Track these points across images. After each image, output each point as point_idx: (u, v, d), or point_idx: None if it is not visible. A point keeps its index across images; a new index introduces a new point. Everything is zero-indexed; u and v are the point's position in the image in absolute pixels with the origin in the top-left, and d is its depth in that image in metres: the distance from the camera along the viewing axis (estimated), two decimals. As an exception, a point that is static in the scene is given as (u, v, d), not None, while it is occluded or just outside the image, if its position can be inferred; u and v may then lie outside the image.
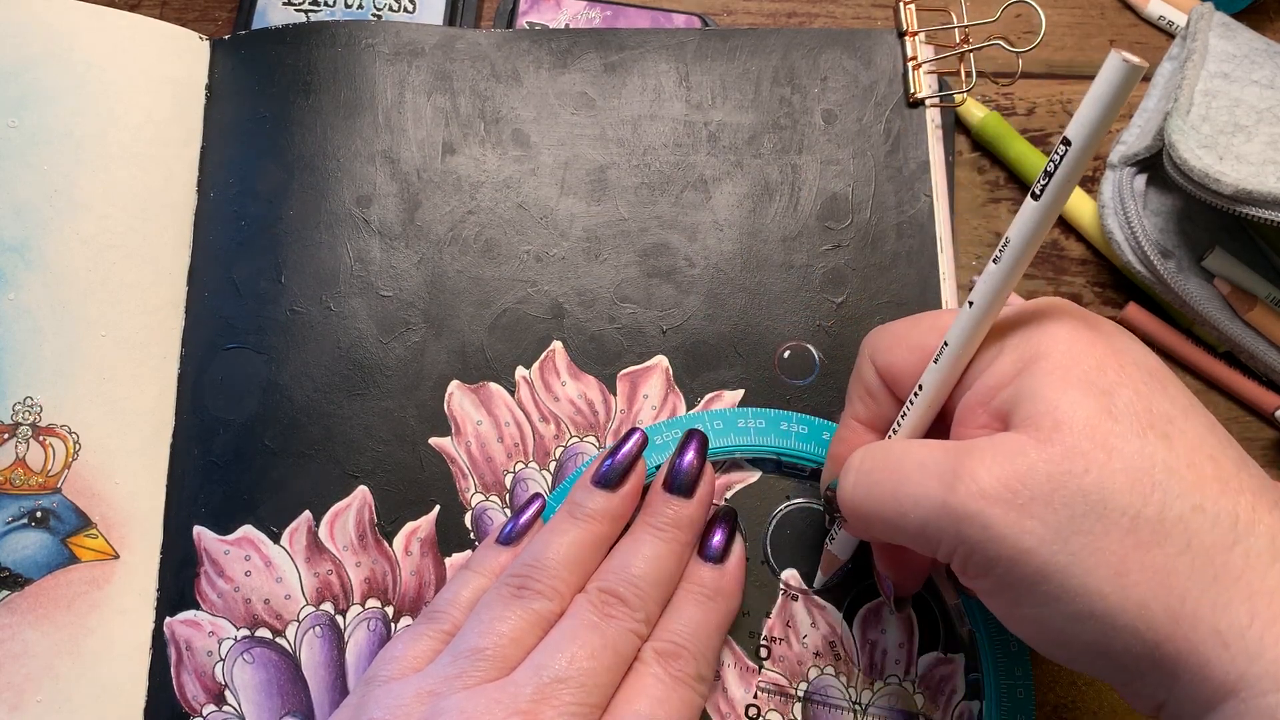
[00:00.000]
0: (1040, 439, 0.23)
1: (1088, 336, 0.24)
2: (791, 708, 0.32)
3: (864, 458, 0.27)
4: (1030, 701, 0.31)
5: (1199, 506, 0.22)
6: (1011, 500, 0.22)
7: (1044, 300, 0.26)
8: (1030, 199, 0.22)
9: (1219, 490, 0.22)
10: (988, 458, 0.23)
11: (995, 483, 0.23)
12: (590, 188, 0.37)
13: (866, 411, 0.29)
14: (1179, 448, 0.22)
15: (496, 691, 0.26)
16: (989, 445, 0.23)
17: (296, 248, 0.36)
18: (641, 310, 0.36)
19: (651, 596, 0.29)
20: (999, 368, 0.25)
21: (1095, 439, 0.22)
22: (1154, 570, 0.21)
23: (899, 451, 0.26)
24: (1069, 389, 0.23)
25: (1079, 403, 0.23)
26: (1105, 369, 0.23)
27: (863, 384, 0.29)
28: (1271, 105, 0.36)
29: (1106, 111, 0.20)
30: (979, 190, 0.42)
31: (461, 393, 0.35)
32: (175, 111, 0.37)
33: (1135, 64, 0.19)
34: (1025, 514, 0.22)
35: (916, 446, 0.25)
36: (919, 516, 0.24)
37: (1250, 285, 0.38)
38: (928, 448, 0.25)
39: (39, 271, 0.34)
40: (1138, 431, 0.22)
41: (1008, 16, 0.38)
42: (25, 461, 0.33)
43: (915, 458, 0.25)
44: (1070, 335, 0.24)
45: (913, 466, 0.25)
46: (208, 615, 0.33)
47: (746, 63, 0.38)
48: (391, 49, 0.38)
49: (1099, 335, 0.24)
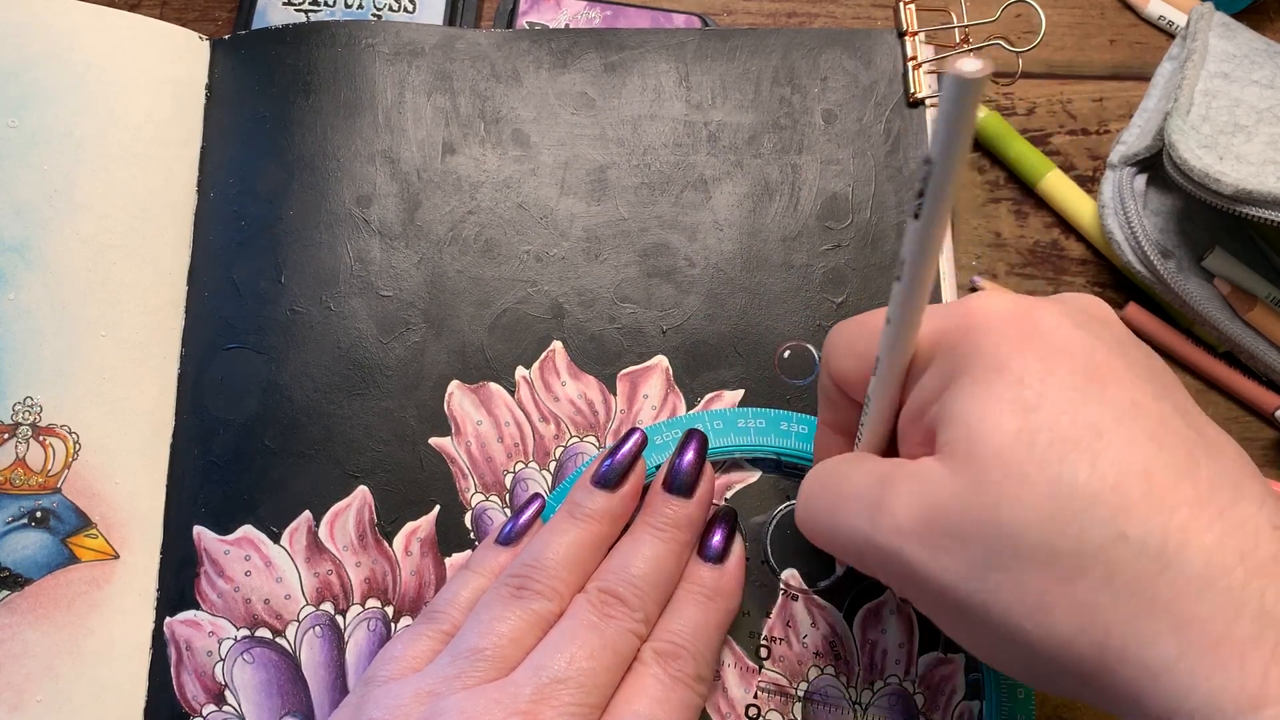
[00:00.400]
0: (955, 468, 0.22)
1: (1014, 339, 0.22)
2: (791, 708, 0.32)
3: (811, 480, 0.27)
4: (1030, 702, 0.31)
5: (1122, 534, 0.20)
6: (927, 535, 0.22)
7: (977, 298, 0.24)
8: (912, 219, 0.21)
9: (1147, 511, 0.20)
10: (904, 490, 0.22)
11: (911, 517, 0.22)
12: (590, 188, 0.37)
13: (831, 416, 0.29)
14: (1104, 468, 0.20)
15: (496, 692, 0.26)
16: (907, 476, 0.23)
17: (296, 248, 0.36)
18: (641, 310, 0.36)
19: (651, 597, 0.29)
20: (926, 383, 0.24)
21: (1008, 468, 0.21)
22: (1076, 605, 0.20)
23: (839, 475, 0.25)
24: (986, 410, 0.21)
25: (995, 426, 0.21)
26: (1027, 380, 0.21)
27: (823, 389, 0.29)
28: (1271, 105, 0.36)
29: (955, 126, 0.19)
30: (979, 190, 0.42)
31: (461, 393, 0.35)
32: (175, 111, 0.37)
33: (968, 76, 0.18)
34: (941, 550, 0.21)
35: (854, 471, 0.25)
36: (854, 546, 0.24)
37: (1250, 285, 0.38)
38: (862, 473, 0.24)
39: (39, 271, 0.34)
40: (1057, 455, 0.21)
41: (1008, 16, 0.38)
42: (25, 461, 0.33)
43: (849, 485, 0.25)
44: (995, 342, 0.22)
45: (847, 494, 0.24)
46: (208, 615, 0.33)
47: (746, 63, 0.38)
48: (391, 49, 0.38)
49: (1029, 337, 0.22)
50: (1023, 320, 0.23)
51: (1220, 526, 0.20)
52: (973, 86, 0.18)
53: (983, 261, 0.41)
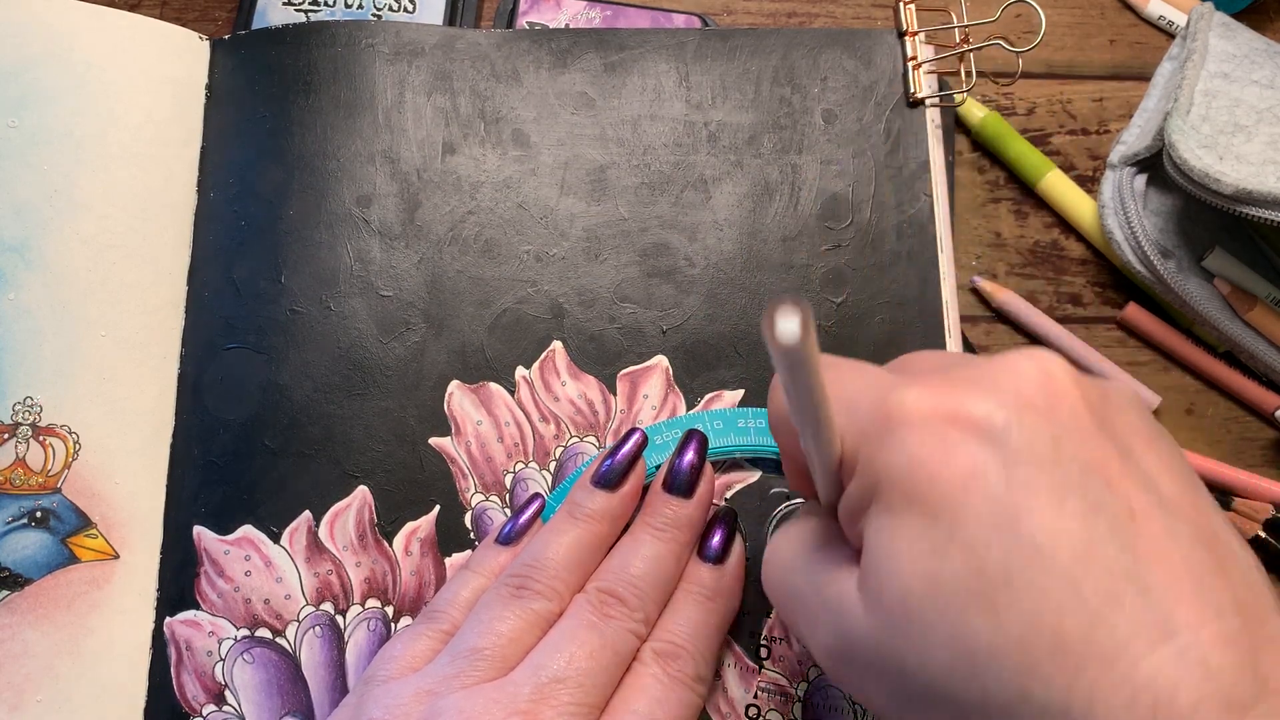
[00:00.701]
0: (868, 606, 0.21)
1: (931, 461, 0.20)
2: (792, 708, 0.32)
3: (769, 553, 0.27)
4: (1030, 701, 0.31)
5: (1025, 695, 0.19)
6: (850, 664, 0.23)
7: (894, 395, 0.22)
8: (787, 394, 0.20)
9: (1052, 670, 0.19)
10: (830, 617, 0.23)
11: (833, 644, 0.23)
12: (590, 188, 0.37)
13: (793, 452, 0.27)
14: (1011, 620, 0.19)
15: (495, 691, 0.26)
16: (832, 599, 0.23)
17: (296, 248, 0.36)
18: (641, 310, 0.36)
19: (650, 597, 0.29)
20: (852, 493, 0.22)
21: (912, 617, 0.20)
22: None
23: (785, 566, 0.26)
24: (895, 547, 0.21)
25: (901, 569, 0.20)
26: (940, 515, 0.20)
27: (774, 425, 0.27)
28: (1271, 105, 0.36)
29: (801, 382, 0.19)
30: (979, 190, 0.42)
31: (461, 393, 0.35)
32: (175, 111, 0.37)
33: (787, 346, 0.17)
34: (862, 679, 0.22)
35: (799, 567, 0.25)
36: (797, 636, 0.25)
37: (1250, 285, 0.38)
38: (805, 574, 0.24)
39: (39, 271, 0.34)
40: (962, 604, 0.19)
41: (1008, 16, 0.38)
42: (25, 461, 0.33)
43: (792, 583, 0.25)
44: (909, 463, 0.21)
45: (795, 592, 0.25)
46: (208, 615, 0.33)
47: (746, 63, 0.38)
48: (391, 49, 0.38)
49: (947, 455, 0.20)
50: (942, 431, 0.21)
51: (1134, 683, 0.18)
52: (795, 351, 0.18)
53: (983, 261, 0.41)
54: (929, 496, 0.20)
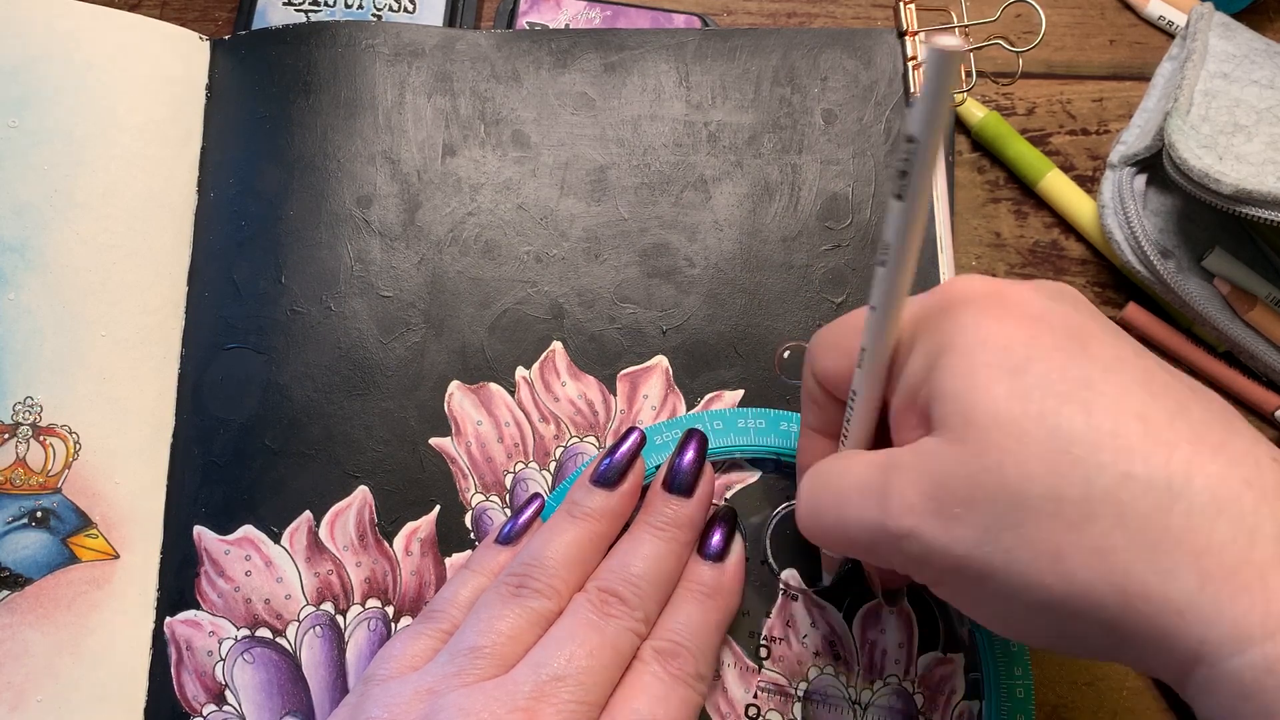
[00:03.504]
0: (953, 439, 0.22)
1: (995, 312, 0.23)
2: (791, 708, 0.32)
3: (809, 482, 0.26)
4: (1030, 701, 0.31)
5: (1127, 474, 0.20)
6: (938, 510, 0.22)
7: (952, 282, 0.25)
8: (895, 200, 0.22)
9: (1149, 450, 0.20)
10: (910, 471, 0.23)
11: (919, 496, 0.22)
12: (590, 188, 0.37)
13: (816, 420, 0.29)
14: (1099, 414, 0.21)
15: (495, 689, 0.26)
16: (910, 457, 0.23)
17: (296, 248, 0.36)
18: (641, 310, 0.36)
19: (650, 595, 0.29)
20: (913, 366, 0.24)
21: (1005, 427, 0.21)
22: (1091, 550, 0.20)
23: (838, 472, 0.25)
24: (975, 379, 0.22)
25: (985, 392, 0.22)
26: (1012, 345, 0.22)
27: (807, 391, 0.29)
28: (1271, 105, 0.36)
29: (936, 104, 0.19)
30: (979, 190, 0.42)
31: (461, 393, 0.35)
32: (175, 111, 0.37)
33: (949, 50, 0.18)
34: (953, 521, 0.22)
35: (853, 465, 0.25)
36: (865, 539, 0.24)
37: (1250, 285, 0.38)
38: (862, 465, 0.25)
39: (39, 271, 0.34)
40: (1051, 408, 0.21)
41: (1008, 16, 0.38)
42: (25, 461, 0.33)
43: (852, 479, 0.25)
44: (975, 317, 0.23)
45: (850, 488, 0.24)
46: (208, 615, 0.33)
47: (746, 63, 0.38)
48: (391, 49, 0.38)
49: (1008, 307, 0.23)
50: (999, 294, 0.23)
51: (1222, 458, 0.20)
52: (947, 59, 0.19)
53: (983, 261, 0.41)
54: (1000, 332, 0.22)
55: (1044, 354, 0.22)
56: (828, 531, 0.26)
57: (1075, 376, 0.21)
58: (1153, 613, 0.20)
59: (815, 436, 0.29)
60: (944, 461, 0.22)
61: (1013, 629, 0.23)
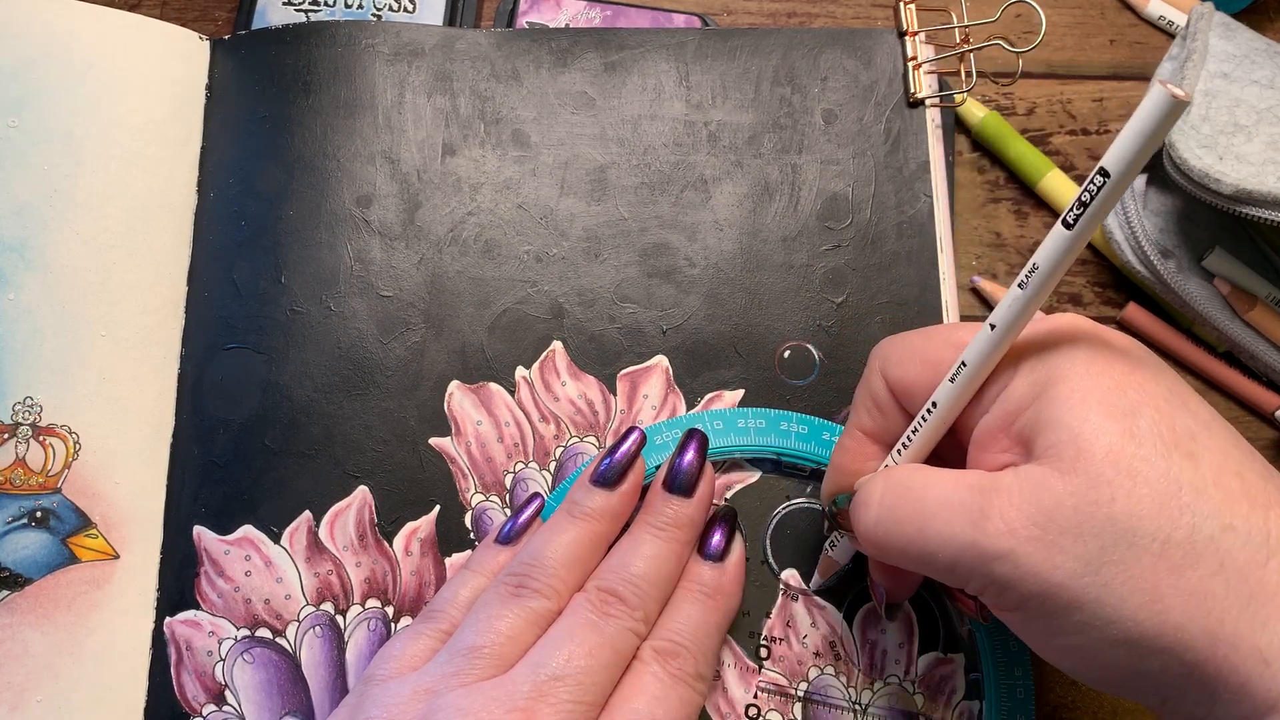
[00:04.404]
0: (1064, 469, 0.22)
1: (1105, 355, 0.24)
2: (791, 708, 0.32)
3: (885, 492, 0.26)
4: (1030, 701, 0.31)
5: (1229, 525, 0.21)
6: (1040, 536, 0.22)
7: (1060, 318, 0.26)
8: (1062, 226, 0.22)
9: (1248, 507, 0.22)
10: (1015, 494, 0.23)
11: (1023, 519, 0.23)
12: (590, 188, 0.37)
13: (873, 424, 0.29)
14: (1204, 466, 0.22)
15: (493, 689, 0.26)
16: (1014, 481, 0.23)
17: (296, 248, 0.36)
18: (641, 310, 0.36)
19: (650, 595, 0.29)
20: (1016, 391, 0.25)
21: (1119, 465, 0.22)
22: (1189, 593, 0.21)
23: (920, 485, 0.25)
24: (1089, 413, 0.23)
25: (1100, 427, 0.22)
26: (1125, 389, 0.23)
27: (870, 396, 0.29)
28: (1271, 105, 0.36)
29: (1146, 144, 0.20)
30: (979, 190, 0.42)
31: (461, 393, 0.35)
32: (175, 111, 0.37)
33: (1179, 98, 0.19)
34: (1055, 549, 0.22)
35: (939, 480, 0.25)
36: (948, 555, 0.24)
37: (1250, 285, 0.38)
38: (951, 483, 0.25)
39: (39, 271, 0.34)
40: (1162, 453, 0.22)
41: (1008, 16, 0.38)
42: (25, 461, 0.33)
43: (940, 494, 0.25)
44: (1088, 355, 0.24)
45: (938, 503, 0.24)
46: (208, 615, 0.33)
47: (746, 63, 0.38)
48: (391, 49, 0.38)
49: (1116, 353, 0.24)
50: (1105, 338, 0.25)
51: None
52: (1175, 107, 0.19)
53: (983, 261, 0.41)
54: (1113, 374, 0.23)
55: (1154, 402, 0.23)
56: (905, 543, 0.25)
57: (1182, 428, 0.23)
58: (1239, 660, 0.21)
59: (864, 441, 0.29)
60: (1053, 490, 0.22)
61: (1082, 662, 0.23)
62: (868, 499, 0.27)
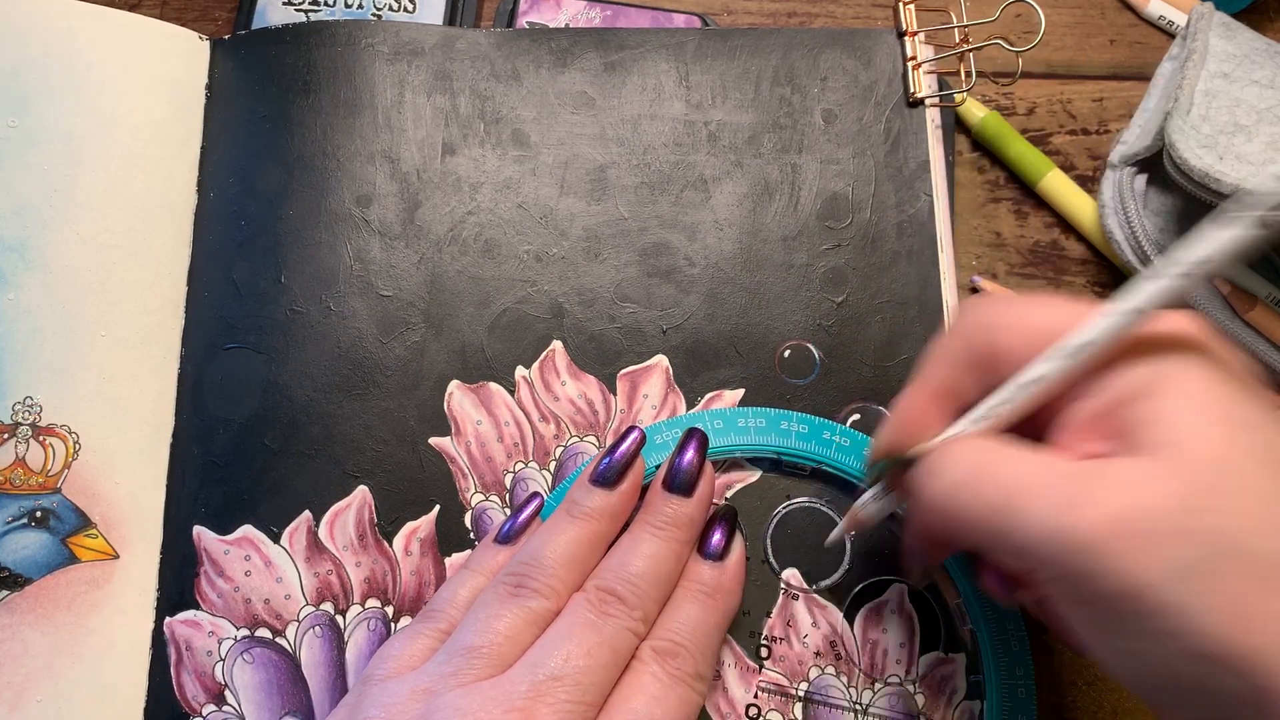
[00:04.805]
0: (1169, 470, 0.22)
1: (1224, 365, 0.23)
2: (792, 708, 0.32)
3: (962, 461, 0.25)
4: (1031, 701, 0.31)
5: None
6: (1136, 533, 0.21)
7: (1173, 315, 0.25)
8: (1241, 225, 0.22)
9: None
10: (1114, 485, 0.22)
11: (1121, 513, 0.22)
12: (590, 187, 0.37)
13: (950, 382, 0.27)
14: None
15: (492, 689, 0.26)
16: (1114, 472, 0.22)
17: (296, 247, 0.36)
18: (641, 310, 0.36)
19: (650, 595, 0.29)
20: (1124, 382, 0.24)
21: (1226, 476, 0.21)
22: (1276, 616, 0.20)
23: (1007, 460, 0.24)
24: (1201, 418, 0.22)
25: (1211, 435, 0.22)
26: (1239, 401, 0.23)
27: (954, 354, 0.27)
28: (1271, 105, 0.36)
29: None
30: (979, 190, 0.42)
31: (461, 393, 0.35)
32: (175, 111, 0.37)
33: None
34: (1149, 548, 0.21)
35: (1028, 460, 0.24)
36: (1026, 537, 0.23)
37: (1250, 285, 0.38)
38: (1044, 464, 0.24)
39: (39, 271, 0.34)
40: (1270, 470, 0.22)
41: (1007, 16, 0.38)
42: (25, 461, 0.33)
43: (1030, 472, 0.24)
44: (1208, 361, 0.23)
45: (1025, 482, 0.23)
46: (208, 615, 0.33)
47: (746, 62, 0.38)
48: (391, 49, 0.38)
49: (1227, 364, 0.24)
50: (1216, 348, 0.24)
51: None
52: None
53: (983, 261, 0.41)
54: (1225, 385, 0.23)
55: (1264, 420, 0.23)
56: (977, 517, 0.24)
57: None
58: None
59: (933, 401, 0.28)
60: (1153, 490, 0.22)
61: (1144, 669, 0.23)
62: (939, 467, 0.25)
